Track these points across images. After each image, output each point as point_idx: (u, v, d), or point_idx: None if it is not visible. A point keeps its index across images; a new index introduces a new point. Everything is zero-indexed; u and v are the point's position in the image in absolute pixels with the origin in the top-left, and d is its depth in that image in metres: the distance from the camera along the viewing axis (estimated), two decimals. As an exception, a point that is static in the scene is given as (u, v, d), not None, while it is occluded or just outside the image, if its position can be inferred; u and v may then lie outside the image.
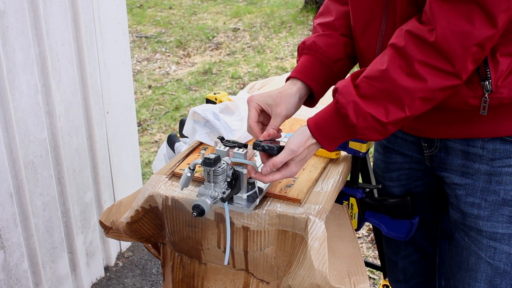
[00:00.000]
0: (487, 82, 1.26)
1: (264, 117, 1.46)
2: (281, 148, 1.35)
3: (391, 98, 1.22)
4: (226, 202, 1.41)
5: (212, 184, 1.39)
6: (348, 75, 1.33)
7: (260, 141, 1.37)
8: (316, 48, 1.48)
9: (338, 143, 1.34)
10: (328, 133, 1.31)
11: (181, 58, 5.87)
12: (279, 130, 1.43)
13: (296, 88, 1.45)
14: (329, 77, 1.49)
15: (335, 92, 1.30)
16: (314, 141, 1.33)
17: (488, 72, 1.25)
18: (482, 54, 1.19)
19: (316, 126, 1.32)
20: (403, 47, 1.21)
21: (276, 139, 1.43)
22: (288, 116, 1.44)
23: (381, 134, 1.27)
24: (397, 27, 1.31)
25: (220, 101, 1.90)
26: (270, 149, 1.35)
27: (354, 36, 1.45)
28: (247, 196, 1.45)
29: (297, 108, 1.46)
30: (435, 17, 1.17)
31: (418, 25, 1.21)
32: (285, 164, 1.36)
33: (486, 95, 1.27)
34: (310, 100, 1.52)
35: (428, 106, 1.25)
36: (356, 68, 1.53)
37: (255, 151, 1.49)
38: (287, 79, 1.49)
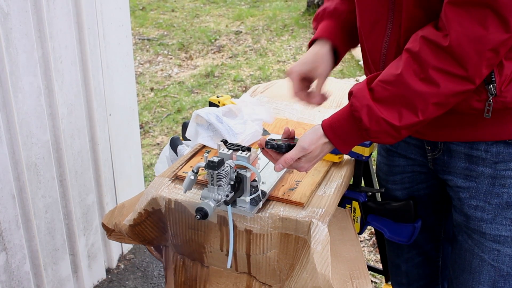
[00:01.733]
0: (491, 85, 1.26)
1: (308, 82, 1.53)
2: (290, 146, 1.38)
3: (404, 103, 1.23)
4: (229, 205, 1.42)
5: (216, 187, 1.39)
6: (364, 78, 1.33)
7: (272, 140, 1.41)
8: (339, 13, 1.55)
9: (352, 145, 1.35)
10: (342, 134, 1.32)
11: (183, 60, 5.87)
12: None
13: (327, 47, 1.52)
14: (350, 40, 1.55)
15: (350, 95, 1.31)
16: (327, 140, 1.34)
17: (493, 76, 1.25)
18: (497, 59, 1.19)
19: (330, 127, 1.34)
20: (418, 52, 1.21)
21: (292, 137, 1.46)
22: (328, 74, 1.51)
23: (394, 138, 1.28)
24: (403, 29, 1.31)
25: (223, 104, 1.90)
26: (278, 148, 1.39)
27: (360, 37, 1.46)
28: (250, 199, 1.45)
29: (331, 67, 1.54)
30: (449, 22, 1.18)
31: (433, 30, 1.21)
32: (296, 159, 1.39)
33: (490, 98, 1.28)
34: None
35: (442, 111, 1.25)
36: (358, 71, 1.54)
37: (258, 154, 1.49)
38: (311, 43, 1.56)
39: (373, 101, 1.25)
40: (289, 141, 1.42)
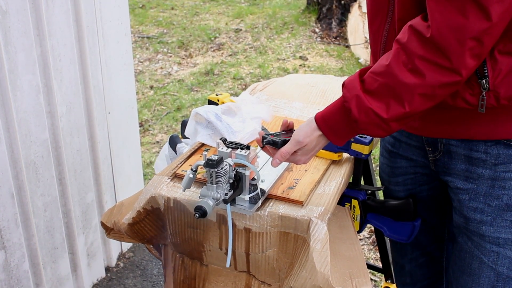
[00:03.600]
0: (484, 80, 1.25)
1: None
2: (285, 141, 1.39)
3: (392, 94, 1.23)
4: (228, 204, 1.41)
5: (215, 185, 1.39)
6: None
7: (268, 135, 1.42)
8: None
9: (344, 138, 1.35)
10: (333, 126, 1.33)
11: (183, 58, 5.86)
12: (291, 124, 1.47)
13: None
14: None
15: (343, 86, 1.31)
16: (320, 133, 1.35)
17: (486, 70, 1.24)
18: (482, 48, 1.18)
19: (322, 119, 1.34)
20: (406, 43, 1.22)
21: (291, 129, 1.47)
22: None
23: (384, 131, 1.28)
24: (396, 18, 1.32)
25: (222, 102, 1.90)
26: (274, 143, 1.40)
27: (367, 19, 1.46)
28: (250, 197, 1.45)
29: None
30: (431, 12, 1.18)
31: (420, 21, 1.22)
32: (293, 153, 1.39)
33: (484, 93, 1.27)
34: None
35: (430, 103, 1.24)
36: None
37: (257, 152, 1.49)
38: None
39: (363, 92, 1.25)
40: (288, 133, 1.43)
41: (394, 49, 1.24)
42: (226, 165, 1.40)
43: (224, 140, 1.47)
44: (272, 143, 1.40)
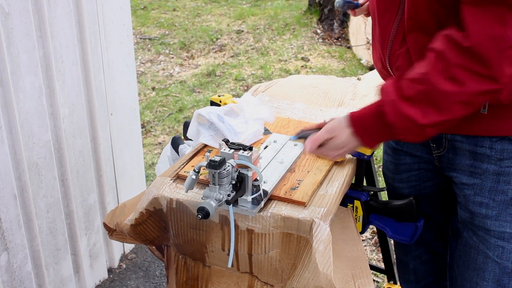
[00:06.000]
0: None
1: None
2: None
3: (429, 101, 1.25)
4: (231, 205, 1.41)
5: (217, 186, 1.39)
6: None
7: (302, 131, 1.54)
8: None
9: (377, 140, 1.37)
10: (367, 127, 1.35)
11: (185, 60, 5.87)
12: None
13: None
14: None
15: (379, 90, 1.33)
16: (352, 130, 1.37)
17: None
18: None
19: (357, 118, 1.37)
20: (443, 51, 1.22)
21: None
22: None
23: (418, 136, 1.30)
24: (406, 17, 1.34)
25: (225, 104, 1.90)
26: (306, 135, 1.50)
27: (376, 14, 1.47)
28: (252, 198, 1.45)
29: None
30: (467, 22, 1.18)
31: (455, 30, 1.22)
32: (322, 144, 1.44)
33: None
34: None
35: (467, 110, 1.26)
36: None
37: (260, 153, 1.49)
38: None
39: (399, 97, 1.27)
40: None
41: (430, 57, 1.25)
42: (228, 166, 1.40)
43: (226, 141, 1.47)
44: (305, 135, 1.49)
